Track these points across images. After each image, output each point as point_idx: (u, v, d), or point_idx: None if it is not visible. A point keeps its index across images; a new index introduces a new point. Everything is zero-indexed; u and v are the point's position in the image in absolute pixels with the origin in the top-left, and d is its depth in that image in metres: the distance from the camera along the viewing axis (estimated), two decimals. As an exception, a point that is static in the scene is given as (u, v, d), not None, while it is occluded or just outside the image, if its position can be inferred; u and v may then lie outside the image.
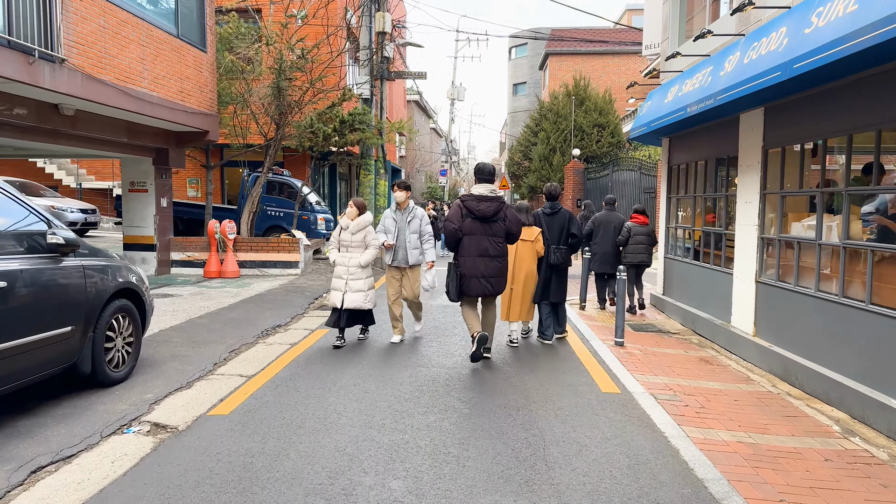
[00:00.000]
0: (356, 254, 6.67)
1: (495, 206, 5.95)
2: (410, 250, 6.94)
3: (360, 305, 6.66)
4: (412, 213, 7.01)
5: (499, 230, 5.98)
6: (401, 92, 39.77)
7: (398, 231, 6.94)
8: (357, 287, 6.65)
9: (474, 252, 5.94)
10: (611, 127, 22.43)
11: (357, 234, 6.65)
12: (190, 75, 11.36)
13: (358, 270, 6.66)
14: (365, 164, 13.76)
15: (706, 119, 7.59)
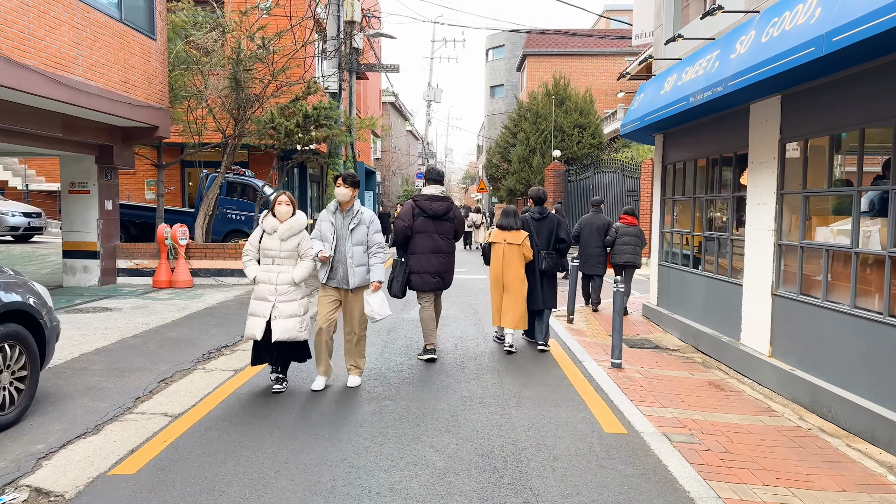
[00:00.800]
0: (287, 267, 5.02)
1: (446, 206, 6.29)
2: (353, 267, 5.13)
3: (293, 336, 5.00)
4: (358, 218, 5.19)
5: (448, 229, 6.31)
6: (375, 93, 38.77)
7: (337, 240, 5.15)
8: (291, 311, 4.99)
9: (428, 249, 6.21)
10: (592, 128, 21.71)
11: (289, 241, 5.01)
12: (136, 64, 10.25)
13: (290, 290, 5.02)
14: (333, 163, 12.75)
15: (710, 111, 6.75)
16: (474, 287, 12.07)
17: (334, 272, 5.20)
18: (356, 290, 5.29)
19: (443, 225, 6.25)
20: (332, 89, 12.40)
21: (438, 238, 6.24)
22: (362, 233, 5.20)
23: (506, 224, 6.71)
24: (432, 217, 6.20)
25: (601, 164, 19.24)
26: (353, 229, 5.17)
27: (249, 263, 5.12)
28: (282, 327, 4.96)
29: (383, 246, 5.36)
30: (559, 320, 8.74)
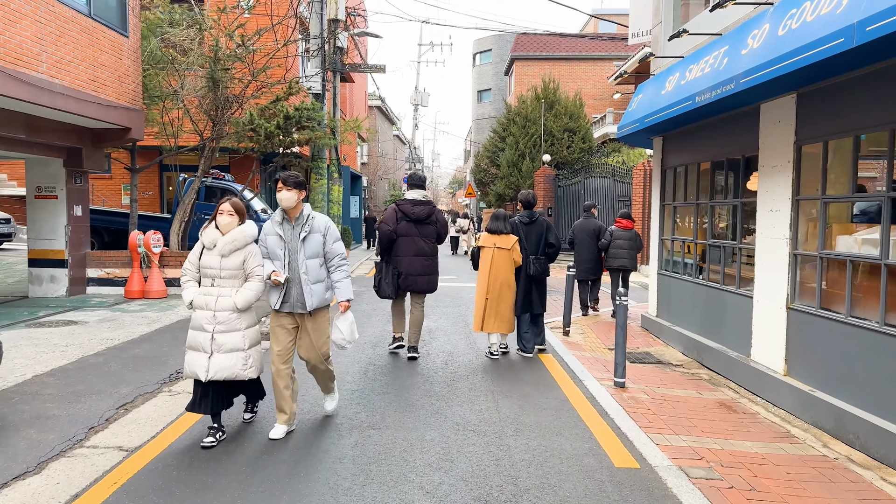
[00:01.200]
0: (229, 290, 4.09)
1: (428, 210, 6.52)
2: (309, 285, 4.23)
3: (236, 374, 4.11)
4: (309, 226, 4.28)
5: (430, 232, 6.55)
6: (362, 96, 38.29)
7: (289, 255, 4.25)
8: (232, 344, 4.08)
9: (411, 252, 6.46)
10: (582, 132, 21.36)
11: (231, 258, 4.07)
12: (106, 62, 9.69)
13: (232, 318, 4.07)
14: (316, 167, 12.23)
15: (716, 111, 6.35)
16: (464, 296, 11.60)
17: (287, 294, 4.26)
18: (315, 312, 4.34)
19: (425, 228, 6.53)
20: (316, 90, 11.90)
21: (421, 241, 6.51)
22: (317, 243, 4.28)
23: (495, 228, 6.60)
24: (415, 221, 6.47)
25: (592, 168, 18.88)
26: (305, 239, 4.25)
27: (187, 285, 4.20)
28: (219, 364, 4.03)
29: (346, 257, 4.50)
30: (554, 332, 8.30)
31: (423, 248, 6.51)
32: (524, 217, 6.88)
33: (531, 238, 6.77)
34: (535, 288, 6.80)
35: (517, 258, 6.57)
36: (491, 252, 6.57)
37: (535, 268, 6.67)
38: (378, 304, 10.34)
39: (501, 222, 6.62)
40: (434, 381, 5.81)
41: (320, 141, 11.55)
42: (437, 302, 10.63)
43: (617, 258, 9.35)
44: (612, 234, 9.40)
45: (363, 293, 11.70)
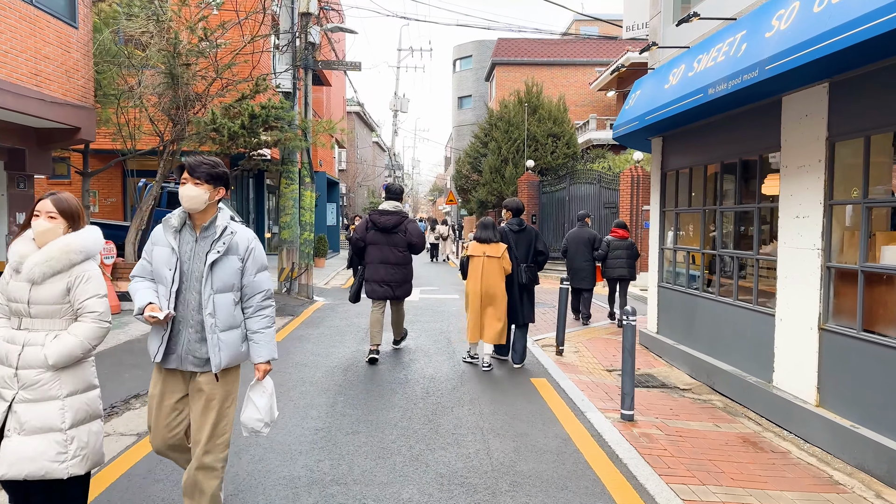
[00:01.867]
0: (42, 335, 2.63)
1: (395, 220, 6.68)
2: (217, 333, 2.83)
3: (47, 470, 2.57)
4: (224, 242, 2.89)
5: (399, 241, 6.69)
6: (340, 102, 37.45)
7: (181, 279, 2.86)
8: (42, 422, 2.59)
9: (376, 259, 6.67)
10: (566, 137, 20.76)
11: (48, 286, 2.62)
12: (51, 55, 8.78)
13: (44, 379, 2.61)
14: (287, 171, 11.38)
15: (731, 105, 5.67)
16: (446, 309, 10.81)
17: (174, 342, 2.85)
18: (222, 374, 2.89)
19: (393, 237, 6.67)
20: (286, 88, 11.06)
21: (388, 250, 6.67)
22: (231, 270, 2.87)
23: (484, 237, 6.50)
24: (382, 230, 6.66)
25: (577, 174, 18.26)
26: (216, 263, 2.84)
27: None
28: (18, 452, 2.54)
29: (271, 296, 3.06)
30: (546, 351, 7.55)
31: (388, 256, 6.67)
32: (513, 225, 6.77)
33: (521, 246, 6.67)
34: (525, 297, 6.70)
35: (507, 266, 6.48)
36: (481, 261, 6.45)
37: (526, 276, 6.60)
38: (353, 320, 9.51)
39: (490, 231, 6.50)
40: (413, 415, 5.00)
41: (290, 143, 10.71)
42: (417, 317, 9.83)
43: (615, 268, 9.35)
44: (609, 244, 9.39)
45: (337, 307, 10.86)
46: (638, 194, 16.46)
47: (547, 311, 10.91)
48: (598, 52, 33.76)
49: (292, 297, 11.35)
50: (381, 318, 6.78)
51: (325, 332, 8.57)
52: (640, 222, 16.44)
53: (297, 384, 5.89)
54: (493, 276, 6.41)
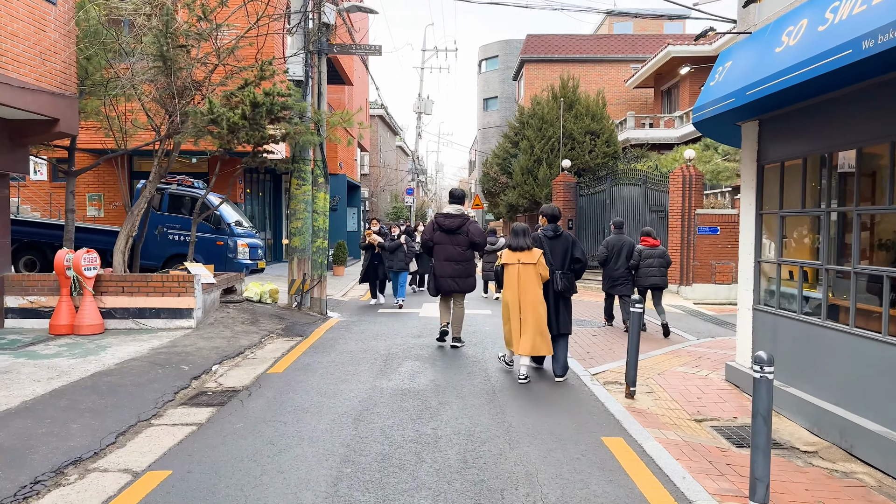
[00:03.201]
0: None
1: (459, 222, 7.54)
2: None
3: None
4: None
5: (462, 241, 7.54)
6: (362, 103, 36.28)
7: None
8: None
9: (442, 257, 7.55)
10: (606, 134, 19.10)
11: None
12: (20, 32, 7.52)
13: None
14: (297, 170, 10.00)
15: (870, 73, 4.09)
16: (478, 328, 9.31)
17: None
18: None
19: (457, 237, 7.49)
20: (297, 76, 9.70)
21: (452, 248, 7.49)
22: None
23: (517, 244, 6.31)
24: (447, 231, 7.48)
25: (619, 175, 16.62)
26: None
27: None
28: None
29: None
30: (612, 391, 6.00)
31: (453, 253, 7.48)
32: (548, 231, 6.58)
33: (556, 253, 6.47)
34: (562, 305, 6.47)
35: (544, 273, 6.30)
36: (516, 269, 6.26)
37: (562, 283, 6.36)
38: (370, 343, 8.06)
39: (522, 238, 6.32)
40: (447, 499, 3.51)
41: (301, 137, 9.32)
42: (447, 339, 8.36)
43: (649, 276, 9.28)
44: (641, 252, 9.33)
45: (353, 325, 9.42)
46: (690, 196, 14.79)
47: (597, 333, 9.33)
48: (633, 48, 32.04)
49: (303, 314, 9.94)
50: (449, 306, 7.75)
51: (336, 360, 7.12)
52: (693, 227, 14.77)
53: (292, 444, 4.44)
54: (530, 283, 6.21)
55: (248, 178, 18.39)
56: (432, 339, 8.40)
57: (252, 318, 9.09)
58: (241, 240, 11.67)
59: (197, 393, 5.84)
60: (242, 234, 11.92)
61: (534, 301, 6.19)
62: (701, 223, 14.86)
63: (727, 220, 14.83)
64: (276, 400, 5.56)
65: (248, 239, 12.04)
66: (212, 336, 8.07)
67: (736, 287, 15.68)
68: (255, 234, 12.59)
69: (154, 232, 11.58)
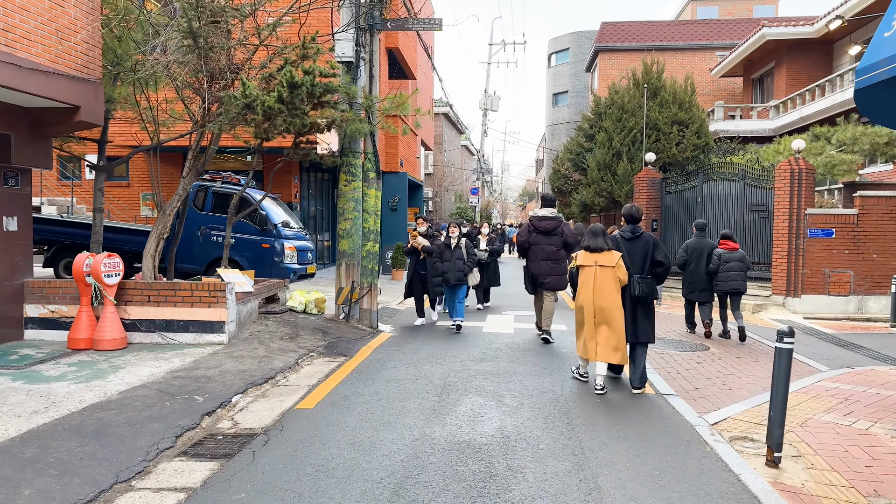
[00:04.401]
0: None
1: (554, 224, 8.13)
2: None
3: None
4: None
5: (556, 241, 8.11)
6: (427, 100, 35.25)
7: None
8: None
9: (539, 257, 8.08)
10: (695, 125, 17.06)
11: None
12: (33, 6, 6.63)
13: None
14: (346, 164, 8.80)
15: None
16: (554, 350, 7.81)
17: None
18: None
19: (551, 238, 8.11)
20: (347, 56, 8.49)
21: (548, 248, 8.07)
22: None
23: (595, 245, 6.03)
24: (543, 232, 8.11)
25: (712, 169, 14.65)
26: None
27: None
28: None
29: None
30: (743, 453, 4.40)
31: (550, 253, 7.99)
32: (626, 232, 6.28)
33: (635, 256, 6.14)
34: (640, 312, 6.11)
35: (623, 276, 5.97)
36: (593, 271, 5.98)
37: (640, 288, 6.02)
38: (423, 368, 6.72)
39: (601, 238, 6.05)
40: None
41: (349, 126, 8.11)
42: (512, 365, 6.93)
43: (729, 281, 8.94)
44: (721, 256, 8.97)
45: (405, 343, 8.08)
46: (799, 193, 12.70)
47: (702, 360, 7.64)
48: (718, 35, 29.48)
49: (351, 327, 8.72)
50: (541, 303, 8.22)
51: (380, 391, 5.82)
52: (802, 230, 12.68)
53: None
54: (607, 287, 5.90)
55: (306, 177, 17.51)
56: (497, 363, 7.00)
57: (292, 333, 7.94)
58: (288, 242, 10.60)
59: (204, 437, 4.65)
60: (291, 235, 10.86)
61: (611, 306, 5.84)
62: (812, 224, 12.75)
63: (844, 220, 12.66)
64: (296, 453, 4.30)
65: (297, 241, 10.98)
66: (242, 355, 6.94)
67: (855, 300, 13.60)
68: (304, 236, 11.53)
69: (197, 233, 10.70)
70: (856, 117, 14.44)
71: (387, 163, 19.53)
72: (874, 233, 12.63)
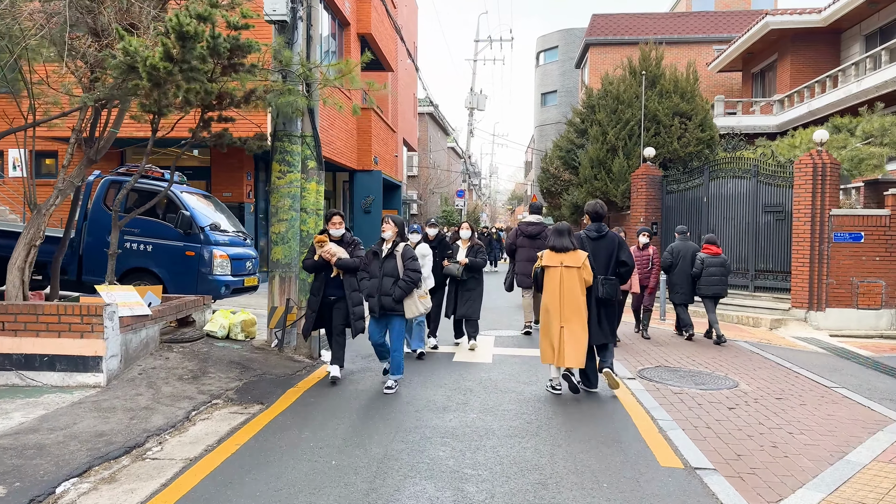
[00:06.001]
0: None
1: (538, 228, 9.16)
2: None
3: None
4: None
5: (540, 245, 8.25)
6: (410, 99, 33.53)
7: None
8: None
9: (524, 258, 8.92)
10: (699, 117, 15.34)
11: None
12: None
13: None
14: (281, 151, 6.95)
15: None
16: (529, 391, 6.00)
17: None
18: None
19: (536, 242, 8.87)
20: (279, 14, 6.65)
21: (532, 252, 8.21)
22: None
23: (560, 245, 5.76)
24: (528, 236, 9.12)
25: (719, 166, 12.95)
26: None
27: None
28: None
29: None
30: None
31: (533, 255, 7.35)
32: (591, 231, 6.09)
33: (600, 256, 5.97)
34: (604, 314, 5.92)
35: (588, 277, 5.75)
36: (558, 272, 5.72)
37: (604, 290, 5.86)
38: (360, 428, 4.84)
39: (566, 238, 5.78)
40: None
41: (277, 99, 6.26)
42: (484, 418, 5.10)
43: (711, 285, 9.13)
44: (704, 261, 9.17)
45: (348, 380, 6.14)
46: (822, 192, 11.02)
47: (736, 404, 5.84)
48: (715, 28, 27.94)
49: (283, 358, 6.84)
50: (531, 301, 9.05)
51: (285, 475, 3.95)
52: (827, 233, 10.98)
53: None
54: (572, 289, 5.68)
55: (263, 175, 15.61)
56: (465, 415, 5.18)
57: (198, 370, 6.06)
58: (219, 249, 8.70)
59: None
60: (223, 241, 8.96)
61: (577, 309, 5.69)
62: (838, 227, 11.05)
63: (874, 223, 10.98)
64: None
65: (233, 248, 9.08)
66: (114, 406, 5.06)
67: (887, 313, 11.78)
68: (243, 242, 9.63)
69: (106, 238, 8.78)
70: (882, 106, 12.80)
71: (359, 160, 17.72)
72: (909, 236, 10.97)
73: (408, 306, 5.84)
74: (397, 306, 5.76)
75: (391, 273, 5.77)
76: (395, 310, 5.77)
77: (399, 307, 5.78)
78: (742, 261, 12.57)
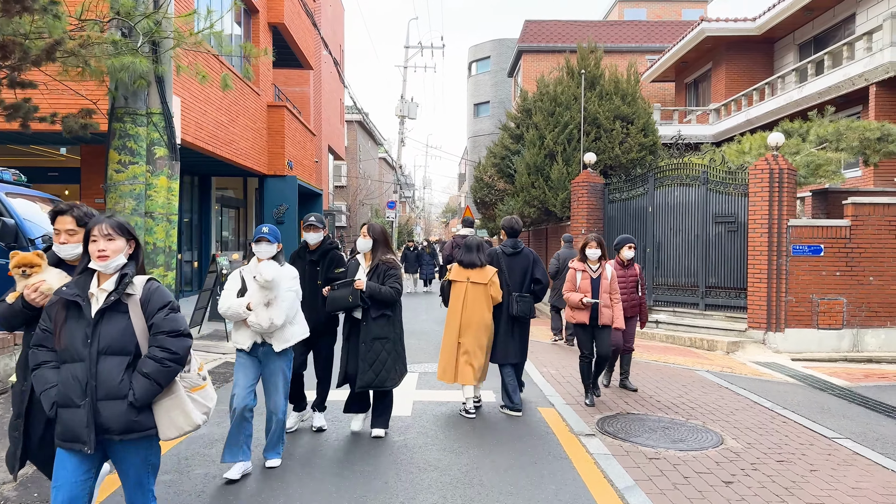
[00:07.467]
0: None
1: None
2: None
3: None
4: None
5: None
6: (335, 105, 31.64)
7: None
8: None
9: None
10: (641, 120, 14.29)
11: None
12: None
13: None
14: (122, 134, 5.09)
15: None
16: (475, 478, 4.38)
17: None
18: None
19: None
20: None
21: None
22: None
23: (468, 260, 5.66)
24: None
25: (664, 173, 11.84)
26: None
27: None
28: None
29: None
30: None
31: None
32: (507, 247, 5.92)
33: (515, 272, 5.82)
34: (517, 332, 5.78)
35: (496, 294, 5.64)
36: (464, 287, 5.61)
37: (518, 307, 5.67)
38: None
39: (475, 253, 5.65)
40: None
41: (110, 63, 4.42)
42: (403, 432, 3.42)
43: None
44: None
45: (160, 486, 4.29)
46: (780, 200, 10.02)
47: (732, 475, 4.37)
48: (647, 37, 27.63)
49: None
50: None
51: None
52: (785, 246, 9.96)
53: None
54: (477, 305, 5.55)
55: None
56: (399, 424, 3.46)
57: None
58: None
59: None
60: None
61: (479, 325, 5.51)
62: (797, 239, 10.07)
63: (833, 234, 10.07)
64: None
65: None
66: None
67: (849, 333, 10.73)
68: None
69: None
70: (832, 110, 12.06)
71: (270, 164, 15.73)
72: (870, 249, 10.09)
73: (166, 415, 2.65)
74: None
75: None
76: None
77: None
78: (691, 275, 11.44)
